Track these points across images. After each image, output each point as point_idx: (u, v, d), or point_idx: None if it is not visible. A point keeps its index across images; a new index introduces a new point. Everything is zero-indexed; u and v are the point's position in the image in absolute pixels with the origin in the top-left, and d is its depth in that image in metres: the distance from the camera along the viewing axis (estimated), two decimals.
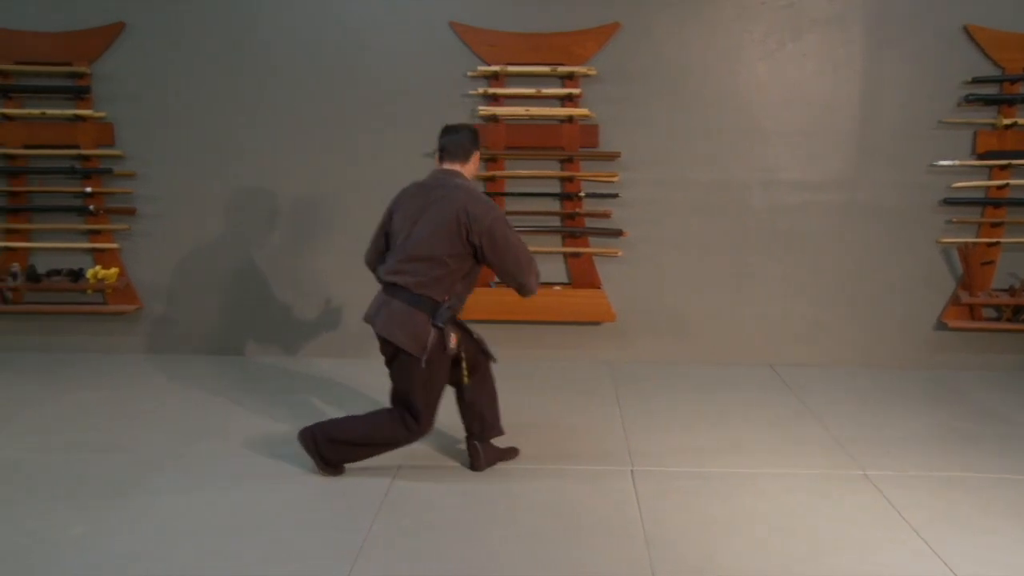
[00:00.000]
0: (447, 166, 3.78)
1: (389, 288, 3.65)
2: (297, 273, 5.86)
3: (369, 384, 5.18)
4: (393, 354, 3.66)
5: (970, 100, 5.47)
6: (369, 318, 3.70)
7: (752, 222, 5.74)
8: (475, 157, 3.82)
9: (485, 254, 3.60)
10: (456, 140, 3.79)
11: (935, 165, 5.59)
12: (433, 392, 3.70)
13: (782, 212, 5.72)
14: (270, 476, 3.89)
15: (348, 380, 5.35)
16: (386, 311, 3.62)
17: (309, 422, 3.91)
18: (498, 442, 4.11)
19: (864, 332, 5.82)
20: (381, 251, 3.85)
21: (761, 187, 5.70)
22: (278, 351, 5.94)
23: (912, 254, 5.72)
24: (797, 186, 5.68)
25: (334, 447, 3.80)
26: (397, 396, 3.75)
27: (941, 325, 5.78)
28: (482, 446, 4.00)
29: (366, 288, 4.12)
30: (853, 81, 5.55)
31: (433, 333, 3.58)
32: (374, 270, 3.87)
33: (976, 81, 5.47)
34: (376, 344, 3.70)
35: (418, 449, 4.15)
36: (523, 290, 3.78)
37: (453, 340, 3.68)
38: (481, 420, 3.99)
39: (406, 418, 3.71)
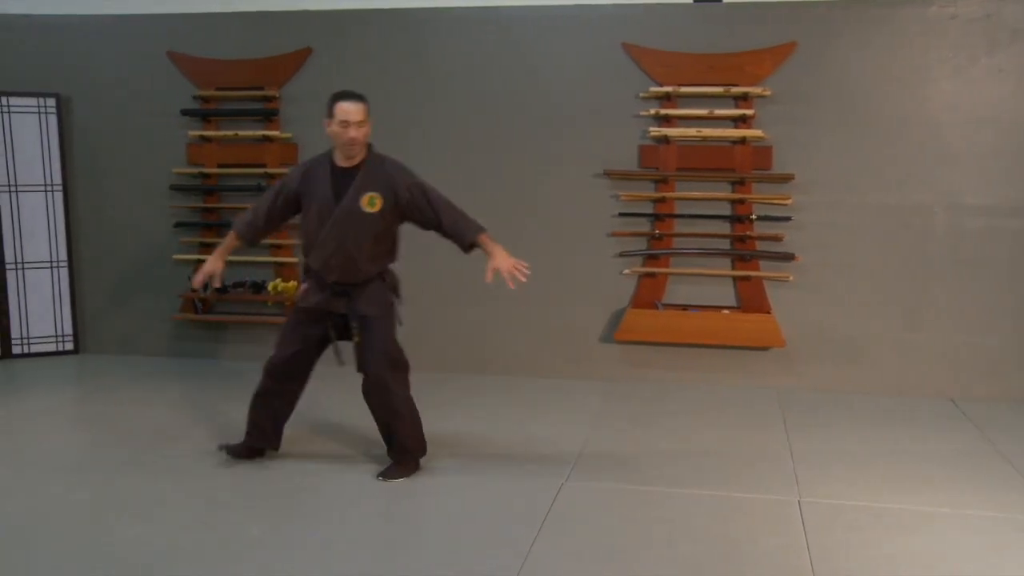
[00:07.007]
0: None
1: None
2: (469, 291, 5.96)
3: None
4: None
5: None
6: None
7: (934, 248, 5.46)
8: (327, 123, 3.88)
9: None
10: None
11: None
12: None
13: (967, 238, 5.41)
14: (433, 489, 3.97)
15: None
16: None
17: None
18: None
19: None
20: None
21: (945, 211, 5.42)
22: (442, 366, 6.07)
23: None
24: (985, 211, 5.37)
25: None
26: None
27: None
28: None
29: (529, 307, 4.18)
30: None
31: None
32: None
33: None
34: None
35: (579, 468, 4.18)
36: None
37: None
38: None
39: None
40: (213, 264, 4.02)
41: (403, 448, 4.07)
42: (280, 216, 4.02)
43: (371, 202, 3.82)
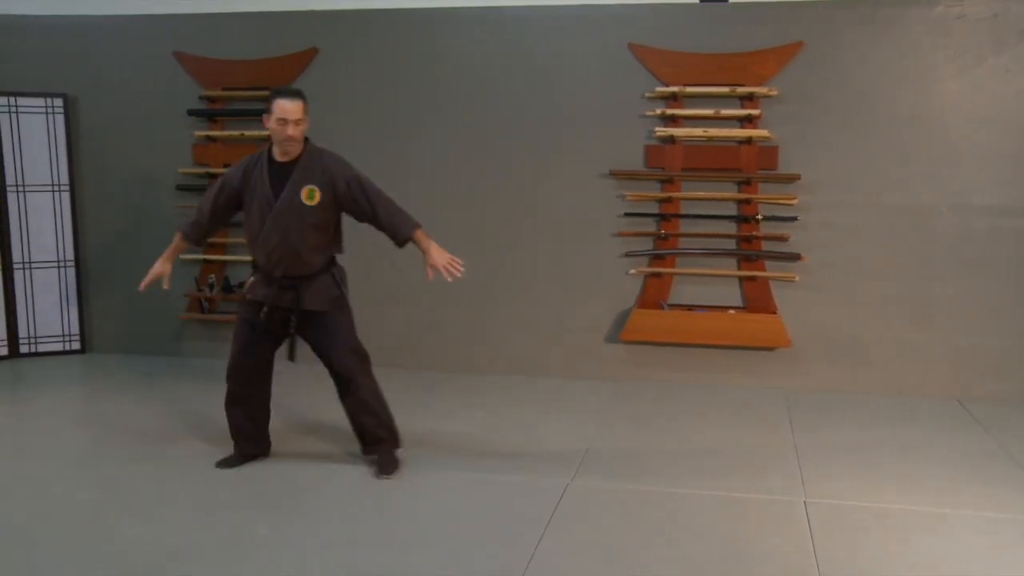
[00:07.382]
0: None
1: None
2: (464, 292, 5.95)
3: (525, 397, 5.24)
4: None
5: None
6: None
7: (940, 248, 5.43)
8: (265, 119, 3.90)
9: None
10: None
11: None
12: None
13: (973, 238, 5.38)
14: (436, 489, 3.95)
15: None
16: None
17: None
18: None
19: None
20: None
21: (950, 212, 5.39)
22: (444, 367, 6.09)
23: None
24: (991, 211, 5.34)
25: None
26: None
27: None
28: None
29: (534, 306, 4.17)
30: None
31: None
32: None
33: None
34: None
35: (584, 468, 4.16)
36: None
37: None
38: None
39: None
40: (161, 267, 4.09)
41: (376, 439, 4.10)
42: (223, 214, 4.07)
43: (310, 195, 3.86)
